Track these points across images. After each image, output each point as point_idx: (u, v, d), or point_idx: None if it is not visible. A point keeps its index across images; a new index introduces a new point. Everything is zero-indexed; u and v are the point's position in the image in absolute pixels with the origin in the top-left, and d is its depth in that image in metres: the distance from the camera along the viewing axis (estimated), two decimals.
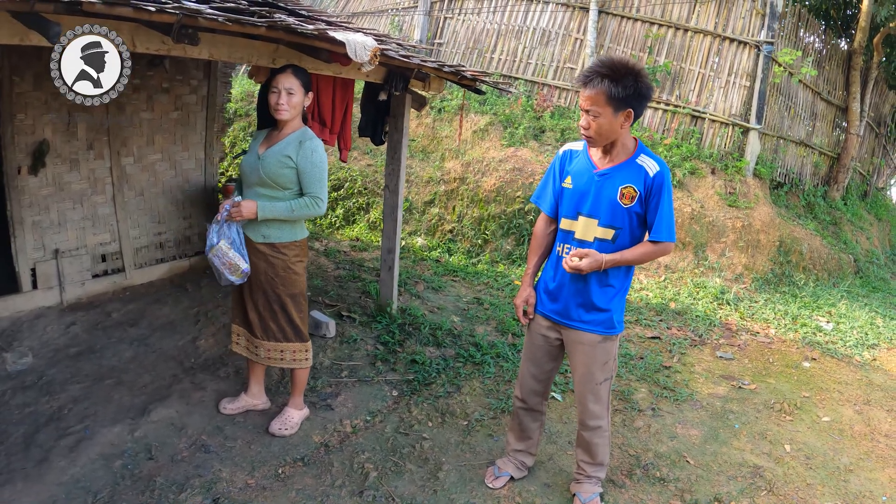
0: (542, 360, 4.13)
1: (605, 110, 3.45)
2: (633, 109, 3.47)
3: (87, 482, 4.00)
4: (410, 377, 5.75)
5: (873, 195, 17.42)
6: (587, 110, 3.51)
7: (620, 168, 3.66)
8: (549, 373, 4.18)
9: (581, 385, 3.99)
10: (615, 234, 3.69)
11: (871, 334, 8.87)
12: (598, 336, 3.84)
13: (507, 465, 4.42)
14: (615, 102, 3.42)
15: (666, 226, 3.63)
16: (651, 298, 9.15)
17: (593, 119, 3.50)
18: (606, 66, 3.44)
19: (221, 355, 5.69)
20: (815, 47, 13.80)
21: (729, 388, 6.51)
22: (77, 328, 6.00)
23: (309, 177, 4.28)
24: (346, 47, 3.98)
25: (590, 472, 4.21)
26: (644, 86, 3.43)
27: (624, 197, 3.62)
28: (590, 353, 3.88)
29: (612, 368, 3.97)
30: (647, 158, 3.65)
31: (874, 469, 5.28)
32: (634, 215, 3.66)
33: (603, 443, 4.13)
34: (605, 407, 4.03)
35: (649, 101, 3.59)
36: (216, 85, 7.62)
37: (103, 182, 6.68)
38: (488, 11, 13.46)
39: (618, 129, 3.54)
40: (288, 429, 4.68)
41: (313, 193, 4.30)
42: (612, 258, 3.66)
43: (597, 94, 3.43)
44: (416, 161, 11.55)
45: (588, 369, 3.92)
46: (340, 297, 7.25)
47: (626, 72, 3.40)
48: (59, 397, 4.88)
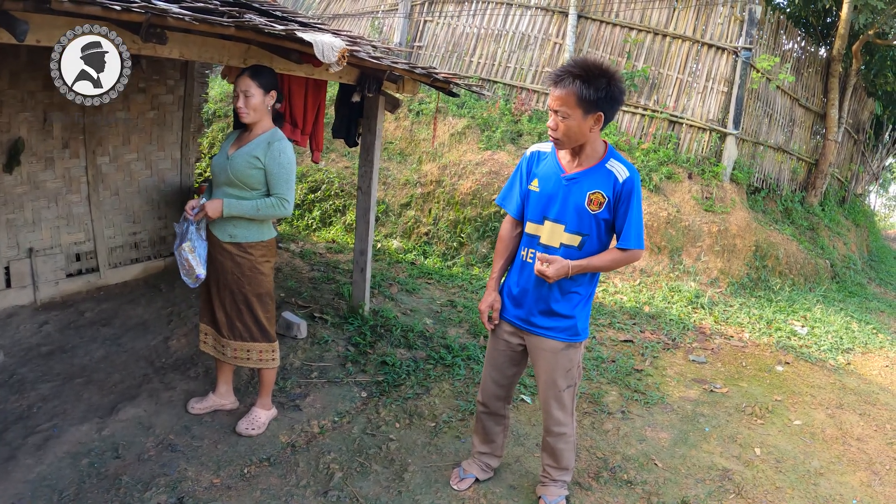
0: (505, 365, 4.08)
1: (574, 112, 3.36)
2: (604, 113, 3.39)
3: (53, 480, 3.99)
4: (380, 379, 5.75)
5: (851, 201, 17.53)
6: (556, 111, 3.42)
7: (589, 173, 3.58)
8: (511, 378, 4.14)
9: (544, 391, 3.96)
10: (582, 241, 3.62)
11: (845, 339, 8.95)
12: (560, 343, 3.80)
13: (472, 467, 4.41)
14: (585, 104, 3.33)
15: (635, 233, 3.56)
16: (625, 302, 9.17)
17: (562, 120, 3.41)
18: (579, 66, 3.35)
19: (192, 355, 5.69)
20: (794, 54, 13.89)
21: (700, 391, 6.54)
22: (50, 327, 6.00)
23: (276, 178, 4.28)
24: (314, 48, 3.99)
25: (555, 475, 4.20)
26: (617, 89, 3.36)
27: (592, 203, 3.55)
28: (552, 360, 3.84)
29: (575, 375, 3.93)
30: (616, 163, 3.57)
31: (845, 472, 5.33)
32: (602, 221, 3.59)
33: (568, 448, 4.10)
34: (569, 413, 4.00)
35: (621, 105, 3.50)
36: (193, 85, 7.61)
37: (78, 181, 6.68)
38: (468, 15, 13.50)
39: (587, 133, 3.45)
40: (255, 429, 4.68)
41: (280, 194, 4.31)
42: (579, 265, 3.59)
43: (567, 94, 3.34)
44: (394, 163, 11.55)
45: (551, 376, 3.88)
46: (314, 298, 7.26)
47: (599, 73, 3.32)
48: (28, 396, 4.87)
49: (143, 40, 3.42)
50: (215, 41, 4.15)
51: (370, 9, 15.51)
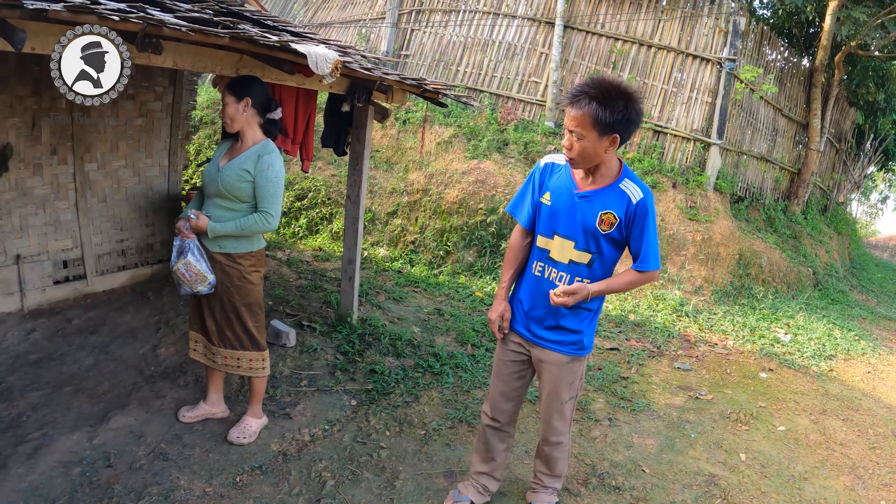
0: (511, 377, 4.02)
1: (590, 133, 3.29)
2: (620, 135, 3.31)
3: (45, 489, 3.99)
4: (369, 387, 5.78)
5: (833, 209, 17.75)
6: (572, 131, 3.35)
7: (602, 192, 3.52)
8: (518, 391, 4.07)
9: (547, 403, 3.95)
10: (591, 259, 3.59)
11: (828, 345, 9.07)
12: (566, 357, 3.78)
13: (468, 490, 4.30)
14: (601, 126, 3.25)
15: (653, 254, 3.53)
16: (611, 310, 9.24)
17: (577, 140, 3.35)
18: (597, 86, 3.28)
19: (182, 363, 5.69)
20: (778, 65, 14.04)
21: (686, 398, 6.60)
22: (37, 335, 5.98)
23: (262, 191, 4.30)
24: (308, 59, 4.01)
25: (547, 482, 4.22)
26: (634, 112, 3.28)
27: (603, 223, 3.50)
28: (557, 373, 3.82)
29: (578, 387, 3.93)
30: (630, 184, 3.50)
31: (829, 477, 5.41)
32: (613, 241, 3.55)
33: (563, 457, 4.13)
34: (567, 423, 4.02)
35: (638, 127, 3.44)
36: (181, 92, 7.61)
37: (66, 188, 6.65)
38: (455, 25, 13.58)
39: (601, 154, 3.38)
40: (246, 437, 4.70)
41: (264, 209, 4.33)
42: (599, 288, 3.56)
43: (583, 115, 3.26)
44: (381, 172, 11.58)
45: (555, 388, 3.86)
46: (302, 306, 7.27)
47: (616, 95, 3.24)
48: (17, 404, 4.85)
49: (139, 50, 3.44)
50: (209, 51, 4.17)
51: (357, 17, 15.59)
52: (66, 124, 6.50)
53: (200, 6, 4.40)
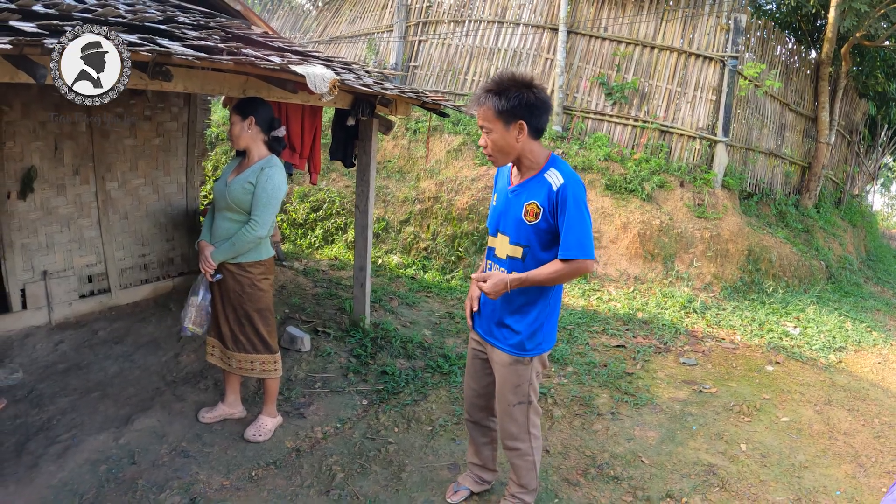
0: (478, 374, 4.09)
1: (495, 125, 3.42)
2: (525, 121, 3.40)
3: (74, 485, 4.26)
4: (380, 387, 5.99)
5: (848, 202, 17.65)
6: (482, 127, 3.49)
7: (527, 183, 3.59)
8: (488, 387, 4.08)
9: (498, 403, 3.96)
10: (524, 252, 3.60)
11: (838, 338, 9.05)
12: (508, 356, 3.76)
13: (466, 480, 4.50)
14: (503, 115, 3.38)
15: (575, 242, 3.42)
16: (619, 309, 9.34)
17: (487, 135, 3.48)
18: (493, 82, 3.44)
19: (202, 369, 5.94)
20: (783, 59, 14.07)
21: (690, 392, 6.69)
22: (65, 346, 6.23)
23: (256, 199, 4.52)
24: (307, 80, 4.24)
25: (513, 490, 4.15)
26: (532, 96, 3.37)
27: (528, 213, 3.54)
28: (501, 373, 3.83)
29: (525, 393, 3.84)
30: (554, 172, 3.51)
31: (830, 465, 5.47)
32: (542, 232, 3.54)
33: (525, 466, 4.04)
34: (523, 430, 3.94)
35: (545, 112, 3.48)
36: (196, 112, 7.84)
37: (89, 206, 6.89)
38: (461, 34, 13.72)
39: (514, 143, 3.46)
40: (262, 435, 4.95)
41: (252, 217, 4.54)
42: (518, 278, 3.54)
43: (485, 110, 3.41)
44: (393, 181, 11.75)
45: (501, 389, 3.87)
46: (317, 313, 7.48)
47: (510, 84, 3.37)
48: (48, 409, 5.12)
49: (151, 77, 3.69)
50: (216, 75, 4.41)
51: (366, 31, 15.79)
52: (87, 146, 6.74)
53: (207, 32, 4.67)
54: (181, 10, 6.08)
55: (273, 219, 4.64)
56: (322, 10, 18.32)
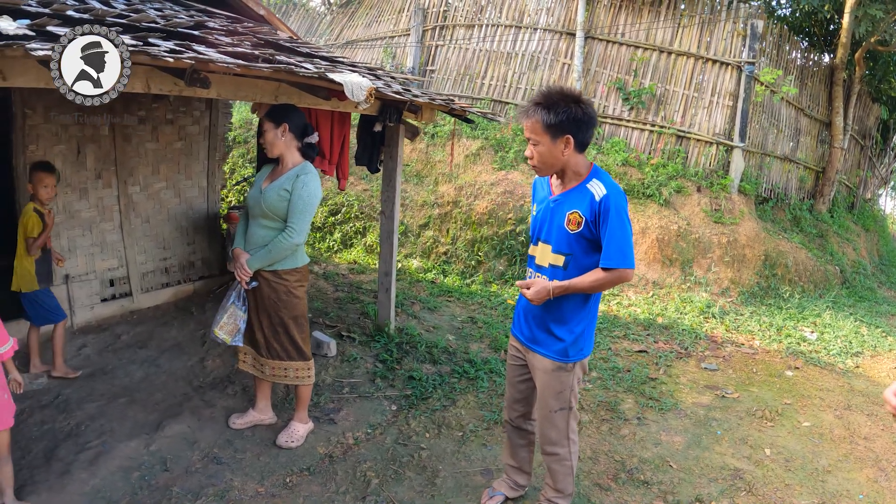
0: (516, 380, 4.15)
1: (542, 138, 3.49)
2: (572, 135, 3.47)
3: (107, 492, 4.25)
4: (408, 392, 6.01)
5: (861, 207, 17.62)
6: (528, 139, 3.56)
7: (569, 193, 3.65)
8: (525, 392, 4.15)
9: (538, 409, 4.00)
10: (566, 260, 3.66)
11: (855, 342, 9.07)
12: (551, 362, 3.81)
13: (501, 486, 4.51)
14: (551, 129, 3.45)
15: (616, 251, 3.50)
16: (639, 314, 9.37)
17: (534, 147, 3.55)
18: (542, 95, 3.50)
19: (228, 374, 5.95)
20: (798, 64, 14.06)
21: (713, 397, 6.72)
22: (88, 350, 6.26)
23: (293, 206, 4.52)
24: (345, 88, 4.24)
25: (549, 495, 4.16)
26: (580, 111, 3.44)
27: (570, 223, 3.60)
28: (544, 379, 3.87)
29: (567, 399, 3.89)
30: (596, 183, 3.57)
31: (852, 469, 5.50)
32: (584, 241, 3.60)
33: (563, 471, 4.06)
34: (563, 436, 3.97)
35: (591, 126, 3.54)
36: (217, 115, 7.89)
37: (111, 210, 6.93)
38: (478, 39, 13.73)
39: (559, 156, 3.54)
40: (294, 441, 4.96)
41: (289, 224, 4.54)
42: (561, 286, 3.61)
43: (533, 123, 3.48)
44: (411, 185, 11.76)
45: (542, 394, 3.91)
46: (340, 318, 7.50)
47: (558, 99, 3.44)
48: (75, 415, 5.12)
49: (188, 84, 3.68)
50: (249, 81, 4.40)
51: (382, 34, 15.83)
52: (109, 150, 6.77)
53: (239, 38, 4.68)
54: (207, 14, 6.10)
55: (309, 226, 4.65)
56: (337, 14, 18.33)
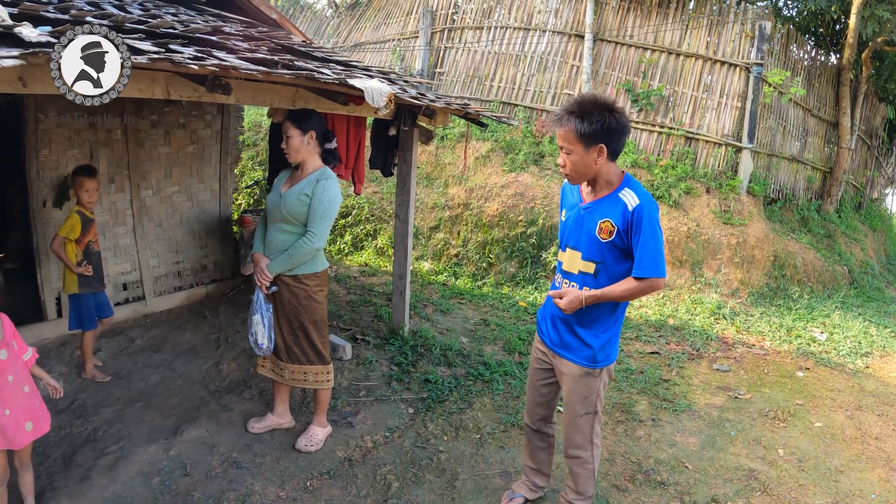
0: (539, 383, 4.17)
1: (576, 147, 3.47)
2: (605, 144, 3.45)
3: (128, 498, 4.26)
4: (424, 395, 6.04)
5: (867, 206, 17.58)
6: (562, 147, 3.55)
7: (601, 202, 3.64)
8: (547, 396, 4.19)
9: (565, 413, 4.00)
10: (596, 268, 3.65)
11: (864, 343, 9.08)
12: (579, 368, 3.82)
13: (521, 488, 4.52)
14: (585, 139, 3.43)
15: (649, 261, 3.51)
16: (650, 315, 9.40)
17: (567, 156, 3.54)
18: (575, 103, 3.47)
19: (245, 378, 5.97)
20: (805, 64, 14.01)
21: (725, 398, 6.74)
22: (103, 354, 6.28)
23: (313, 211, 4.54)
24: (365, 94, 4.26)
25: (571, 497, 4.17)
26: (613, 120, 3.41)
27: (602, 231, 3.59)
28: (571, 385, 3.88)
29: (593, 404, 3.90)
30: (629, 192, 3.56)
31: (864, 469, 5.54)
32: (615, 249, 3.60)
33: (585, 474, 4.07)
34: (587, 440, 3.99)
35: (624, 135, 3.53)
36: (229, 119, 7.92)
37: (124, 214, 6.96)
38: (487, 41, 13.72)
39: (592, 165, 3.53)
40: (313, 445, 4.97)
41: (310, 228, 4.56)
42: (593, 295, 3.63)
43: (567, 131, 3.46)
44: (421, 188, 11.79)
45: (569, 399, 3.92)
46: (353, 321, 7.53)
47: (592, 108, 3.41)
48: (92, 420, 5.14)
49: (209, 91, 3.70)
50: (268, 86, 4.43)
51: (391, 37, 15.83)
52: (121, 154, 6.79)
53: (255, 43, 4.70)
54: (222, 19, 6.12)
55: (329, 230, 4.66)
56: (344, 17, 18.36)
